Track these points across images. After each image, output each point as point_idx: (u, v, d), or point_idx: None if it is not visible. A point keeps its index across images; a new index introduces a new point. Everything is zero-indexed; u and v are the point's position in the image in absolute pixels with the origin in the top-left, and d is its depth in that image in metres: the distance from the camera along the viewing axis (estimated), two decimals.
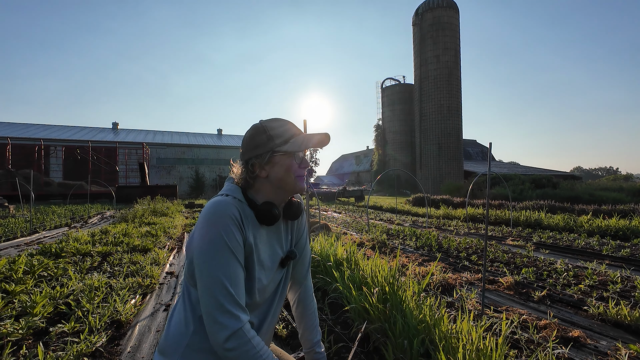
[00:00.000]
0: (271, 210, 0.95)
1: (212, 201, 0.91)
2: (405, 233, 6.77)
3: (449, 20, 32.06)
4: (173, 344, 0.92)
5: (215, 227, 0.84)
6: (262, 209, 0.94)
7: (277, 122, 0.99)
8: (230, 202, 0.90)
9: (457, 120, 32.12)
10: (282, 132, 0.96)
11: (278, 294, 1.06)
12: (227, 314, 0.80)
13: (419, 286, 2.22)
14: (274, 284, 1.03)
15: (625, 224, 6.89)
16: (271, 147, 0.95)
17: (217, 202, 0.89)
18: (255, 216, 0.95)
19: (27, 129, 33.34)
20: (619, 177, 44.24)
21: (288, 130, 0.97)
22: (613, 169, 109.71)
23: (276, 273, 1.03)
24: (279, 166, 0.96)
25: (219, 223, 0.85)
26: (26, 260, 3.46)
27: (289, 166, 0.96)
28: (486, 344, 1.58)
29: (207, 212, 0.88)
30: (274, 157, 0.95)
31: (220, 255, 0.83)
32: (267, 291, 1.00)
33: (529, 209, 10.61)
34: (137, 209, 9.67)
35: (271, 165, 0.96)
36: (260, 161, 0.95)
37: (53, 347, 2.02)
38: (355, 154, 65.18)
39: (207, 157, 34.98)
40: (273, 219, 0.95)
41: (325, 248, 3.40)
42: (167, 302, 2.98)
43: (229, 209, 0.87)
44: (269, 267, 0.99)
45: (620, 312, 2.43)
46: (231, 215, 0.87)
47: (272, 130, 0.96)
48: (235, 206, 0.90)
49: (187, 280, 0.95)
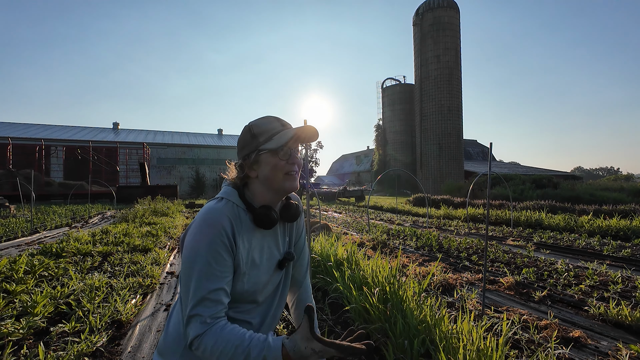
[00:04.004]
0: (268, 215, 0.93)
1: (206, 207, 0.90)
2: (406, 233, 6.77)
3: (450, 20, 32.04)
4: (172, 345, 0.92)
5: (202, 236, 0.84)
6: (259, 213, 0.93)
7: (262, 120, 0.96)
8: (223, 211, 0.88)
9: (458, 120, 32.09)
10: (265, 129, 0.93)
11: (277, 295, 1.05)
12: (191, 319, 0.81)
13: (419, 286, 2.22)
14: (272, 286, 1.02)
15: (626, 224, 6.88)
16: (256, 146, 0.93)
17: (210, 210, 0.88)
18: (252, 220, 0.94)
19: (28, 129, 33.38)
20: (620, 177, 44.18)
21: (271, 127, 0.94)
22: (614, 169, 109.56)
23: (274, 275, 1.02)
24: (265, 165, 0.93)
25: (207, 233, 0.84)
26: (27, 260, 3.46)
27: (275, 164, 0.92)
28: (487, 344, 1.58)
29: (199, 219, 0.87)
30: (260, 156, 0.93)
31: (197, 266, 0.82)
32: (265, 293, 0.99)
33: (529, 209, 10.59)
34: (137, 209, 9.68)
35: (258, 165, 0.94)
36: (249, 161, 0.94)
37: (54, 347, 2.02)
38: (355, 154, 65.18)
39: (208, 157, 35.00)
40: (270, 223, 0.94)
41: (325, 248, 3.40)
42: (167, 302, 2.98)
43: (219, 220, 0.86)
44: (266, 269, 0.98)
45: (621, 313, 2.42)
46: (220, 228, 0.85)
47: (255, 128, 0.94)
48: (228, 215, 0.88)
49: None
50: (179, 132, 42.42)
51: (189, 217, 10.94)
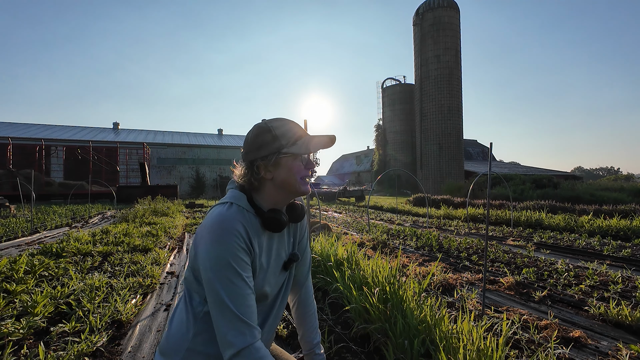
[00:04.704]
0: (279, 219, 0.93)
1: (216, 213, 0.88)
2: (406, 233, 6.77)
3: (450, 20, 32.03)
4: (174, 345, 0.92)
5: (220, 245, 0.82)
6: (268, 217, 0.93)
7: (281, 122, 0.96)
8: (235, 217, 0.87)
9: (458, 120, 32.08)
10: (287, 132, 0.93)
11: (280, 296, 1.05)
12: (233, 331, 0.80)
13: (419, 286, 2.22)
14: (276, 287, 1.02)
15: (626, 224, 6.88)
16: (277, 148, 0.92)
17: (221, 216, 0.86)
18: (262, 224, 0.93)
19: (28, 129, 33.38)
20: (620, 177, 44.17)
21: (294, 131, 0.94)
22: (614, 169, 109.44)
23: (279, 276, 1.02)
24: (284, 168, 0.93)
25: (224, 241, 0.82)
26: (27, 260, 3.46)
27: (295, 168, 0.93)
28: (487, 344, 1.58)
29: (211, 227, 0.85)
30: (281, 159, 0.92)
31: (224, 276, 0.81)
32: (270, 295, 1.00)
33: (529, 209, 10.59)
34: (137, 209, 9.68)
35: (276, 167, 0.93)
36: (266, 162, 0.92)
37: (54, 347, 2.02)
38: (355, 154, 65.14)
39: (208, 157, 35.00)
40: (280, 226, 0.94)
41: (325, 248, 3.40)
42: (167, 302, 2.98)
43: (234, 225, 0.85)
44: (273, 271, 0.98)
45: (621, 313, 2.42)
46: (237, 233, 0.84)
47: (276, 129, 0.93)
48: (240, 221, 0.87)
49: (189, 284, 0.94)
50: (179, 132, 42.43)
51: (189, 217, 10.94)
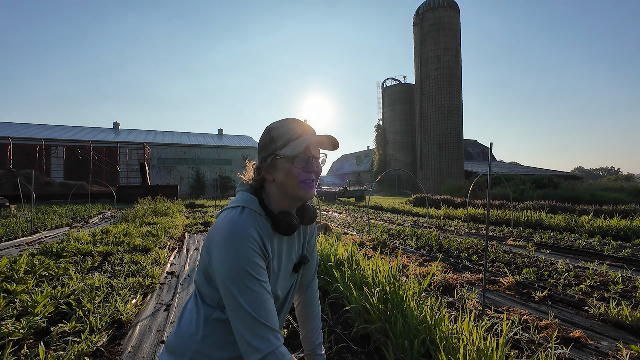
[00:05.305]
0: (289, 222, 0.91)
1: (228, 219, 0.86)
2: (406, 233, 6.77)
3: (450, 20, 32.03)
4: (182, 345, 0.92)
5: (236, 252, 0.81)
6: (279, 220, 0.91)
7: (282, 122, 0.94)
8: (248, 222, 0.86)
9: (458, 120, 32.07)
10: (284, 133, 0.91)
11: (288, 298, 1.05)
12: (258, 337, 0.79)
13: (419, 286, 2.22)
14: (286, 290, 1.02)
15: (626, 224, 6.87)
16: (273, 150, 0.91)
17: (234, 222, 0.85)
18: (272, 227, 0.92)
19: (28, 129, 33.38)
20: (620, 177, 44.15)
21: (293, 131, 0.91)
22: (614, 169, 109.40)
23: (289, 279, 1.02)
24: (282, 170, 0.90)
25: (239, 248, 0.81)
26: (27, 260, 3.46)
27: (292, 171, 0.89)
28: (487, 344, 1.57)
29: (225, 233, 0.83)
30: (277, 161, 0.91)
31: (242, 284, 0.80)
32: (280, 297, 0.99)
33: (529, 209, 10.59)
34: (137, 208, 9.68)
35: (275, 169, 0.92)
36: (265, 164, 0.92)
37: (54, 347, 2.02)
38: (355, 154, 65.14)
39: (208, 157, 35.00)
40: (291, 229, 0.92)
41: (325, 248, 3.40)
42: (167, 302, 2.98)
43: (248, 231, 0.83)
44: (284, 274, 0.97)
45: (622, 313, 2.42)
46: (251, 239, 0.83)
47: (274, 130, 0.92)
48: (253, 225, 0.86)
49: (200, 287, 0.94)
50: (179, 132, 42.41)
51: (189, 217, 10.94)
